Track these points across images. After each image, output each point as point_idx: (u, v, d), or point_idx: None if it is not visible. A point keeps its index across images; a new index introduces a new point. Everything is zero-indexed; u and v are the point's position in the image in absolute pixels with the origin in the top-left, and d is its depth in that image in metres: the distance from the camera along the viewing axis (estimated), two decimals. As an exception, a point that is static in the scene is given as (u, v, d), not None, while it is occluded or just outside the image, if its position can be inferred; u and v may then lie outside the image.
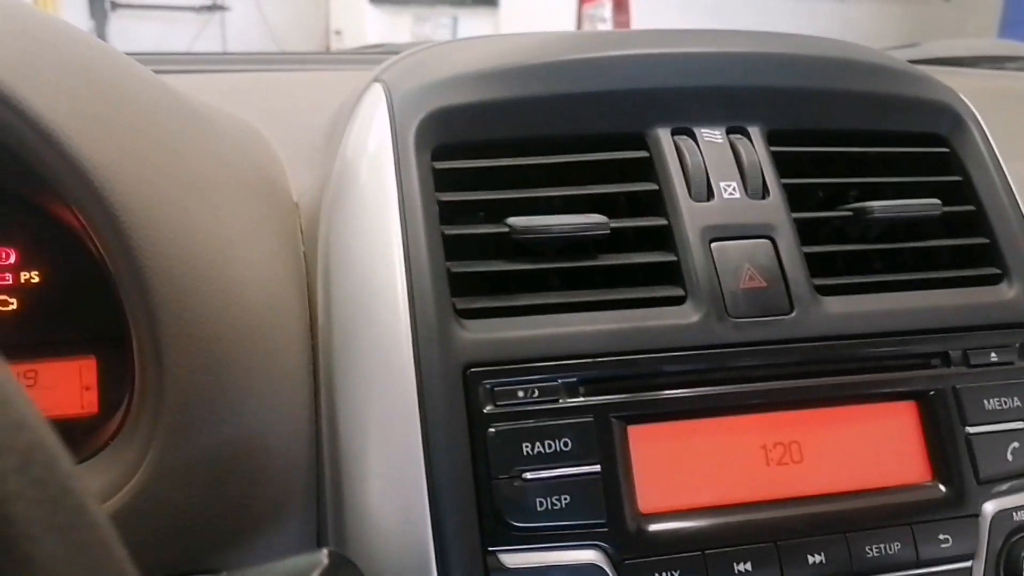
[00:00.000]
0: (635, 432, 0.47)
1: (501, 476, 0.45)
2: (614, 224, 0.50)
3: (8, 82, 0.41)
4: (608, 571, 0.45)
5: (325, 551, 0.33)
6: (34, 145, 0.41)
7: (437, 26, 3.99)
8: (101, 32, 4.05)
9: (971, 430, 0.51)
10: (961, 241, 0.56)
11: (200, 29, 4.28)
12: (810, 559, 0.47)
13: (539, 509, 0.45)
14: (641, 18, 3.86)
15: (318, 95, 0.83)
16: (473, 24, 4.03)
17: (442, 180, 0.50)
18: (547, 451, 0.45)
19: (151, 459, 0.43)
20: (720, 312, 0.49)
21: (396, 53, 0.58)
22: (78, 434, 0.49)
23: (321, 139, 0.59)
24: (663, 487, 0.47)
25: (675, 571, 0.45)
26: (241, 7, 4.37)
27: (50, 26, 0.45)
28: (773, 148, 0.55)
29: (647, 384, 0.48)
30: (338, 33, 4.14)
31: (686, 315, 0.49)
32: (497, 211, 0.51)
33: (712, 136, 0.54)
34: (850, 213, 0.54)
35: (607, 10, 3.63)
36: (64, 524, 0.17)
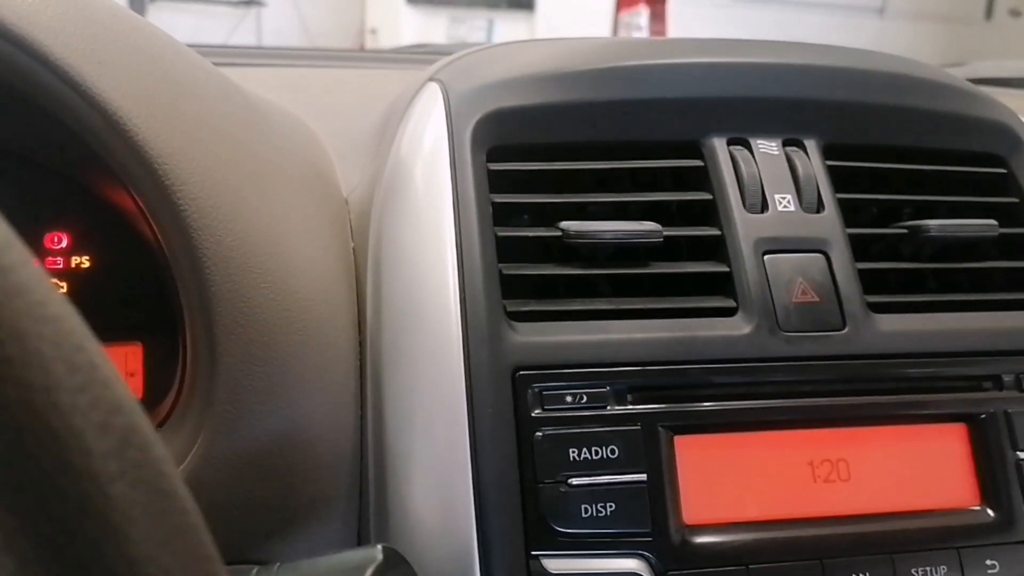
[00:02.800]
0: (682, 442, 0.47)
1: (547, 481, 0.44)
2: (667, 232, 0.50)
3: (77, 67, 0.41)
4: None
5: (380, 547, 0.33)
6: (99, 130, 0.42)
7: (473, 28, 3.99)
8: (139, 23, 4.08)
9: (1022, 455, 0.50)
10: (1017, 264, 0.56)
11: (236, 23, 4.31)
12: None
13: (584, 516, 0.44)
14: (677, 28, 3.85)
15: (358, 93, 0.84)
16: (509, 27, 4.04)
17: (496, 181, 0.50)
18: (594, 458, 0.45)
19: (199, 448, 0.43)
20: (771, 325, 0.49)
21: (435, 54, 0.58)
22: None
23: (371, 136, 0.59)
24: (708, 499, 0.46)
25: None
26: (277, 3, 4.39)
27: (118, 14, 0.46)
28: (829, 162, 0.54)
29: (696, 395, 0.48)
30: (373, 32, 4.16)
31: (737, 327, 0.49)
32: (548, 214, 0.51)
33: (768, 147, 0.54)
34: (905, 231, 0.54)
35: (643, 18, 3.63)
36: (159, 507, 0.17)
